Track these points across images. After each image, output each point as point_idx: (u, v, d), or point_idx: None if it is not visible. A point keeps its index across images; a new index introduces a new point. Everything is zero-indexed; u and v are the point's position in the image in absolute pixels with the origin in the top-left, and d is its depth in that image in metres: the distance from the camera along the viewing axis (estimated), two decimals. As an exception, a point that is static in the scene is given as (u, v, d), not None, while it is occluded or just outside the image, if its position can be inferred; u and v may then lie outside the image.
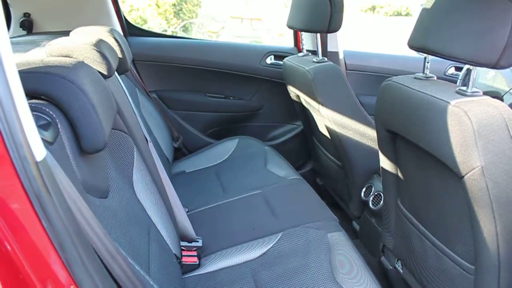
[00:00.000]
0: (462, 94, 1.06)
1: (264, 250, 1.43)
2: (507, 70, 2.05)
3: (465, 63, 1.06)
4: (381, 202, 1.66)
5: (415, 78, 1.24)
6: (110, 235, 0.78)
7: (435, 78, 1.24)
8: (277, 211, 1.63)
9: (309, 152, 2.39)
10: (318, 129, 2.02)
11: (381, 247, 1.62)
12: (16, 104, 0.59)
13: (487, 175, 0.98)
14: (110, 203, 1.04)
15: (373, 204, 1.71)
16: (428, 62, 1.24)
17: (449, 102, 1.02)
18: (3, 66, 0.58)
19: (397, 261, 1.52)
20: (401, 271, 1.50)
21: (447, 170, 1.08)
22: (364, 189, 1.78)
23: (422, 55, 2.50)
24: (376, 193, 1.71)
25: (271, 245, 1.44)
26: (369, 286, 1.23)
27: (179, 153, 2.35)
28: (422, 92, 1.13)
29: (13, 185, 0.61)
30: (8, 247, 0.61)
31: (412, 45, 1.20)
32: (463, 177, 1.02)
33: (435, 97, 1.08)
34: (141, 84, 2.19)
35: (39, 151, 0.62)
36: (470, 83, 1.07)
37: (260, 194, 1.76)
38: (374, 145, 1.74)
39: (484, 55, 1.00)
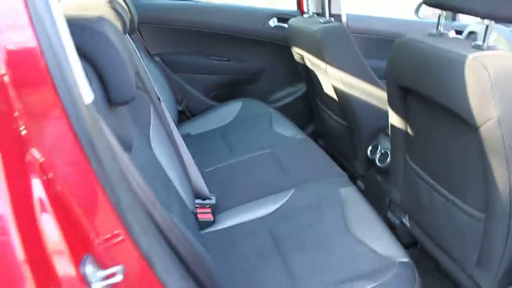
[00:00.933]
0: (479, 48, 1.09)
1: (277, 205, 1.46)
2: (510, 32, 2.07)
3: (484, 18, 1.07)
4: (388, 159, 1.70)
5: (429, 35, 1.26)
6: None
7: (448, 34, 1.26)
8: (287, 168, 1.66)
9: (311, 114, 2.41)
10: (322, 90, 2.04)
11: (387, 203, 1.67)
12: (66, 49, 0.60)
13: (503, 125, 1.02)
14: (134, 157, 1.05)
15: (380, 162, 1.75)
16: (442, 19, 1.26)
17: (466, 56, 1.04)
18: (52, 13, 0.59)
19: (404, 215, 1.58)
20: (408, 224, 1.55)
21: (461, 123, 1.11)
22: (370, 148, 1.82)
23: (422, 19, 2.50)
24: (382, 151, 1.75)
25: (284, 200, 1.47)
26: (383, 236, 1.27)
27: (183, 116, 2.36)
28: (439, 47, 1.15)
29: (63, 129, 0.62)
30: (59, 188, 0.63)
31: (429, 2, 1.21)
32: (478, 128, 1.06)
33: (452, 51, 1.10)
34: (145, 46, 2.17)
35: (88, 95, 0.63)
36: (486, 38, 1.09)
37: (269, 153, 1.78)
38: (381, 104, 1.77)
39: (503, 10, 1.02)
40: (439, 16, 1.26)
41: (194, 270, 0.80)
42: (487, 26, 1.10)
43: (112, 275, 0.65)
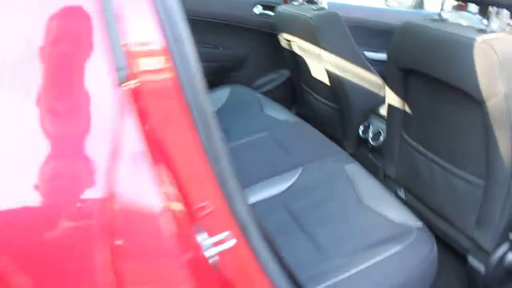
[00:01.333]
0: (483, 32, 1.21)
1: (288, 184, 1.52)
2: (477, 20, 2.25)
3: (490, 4, 1.20)
4: (381, 137, 1.82)
5: (432, 20, 1.38)
6: None
7: (450, 20, 1.39)
8: (290, 149, 1.73)
9: (293, 98, 2.50)
10: (310, 74, 2.13)
11: (381, 177, 1.79)
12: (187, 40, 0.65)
13: (509, 100, 1.15)
14: None
15: (373, 140, 1.87)
16: (445, 5, 1.38)
17: (475, 39, 1.17)
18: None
19: (399, 188, 1.71)
20: (404, 197, 1.69)
21: (466, 98, 1.24)
22: (362, 128, 1.94)
23: (391, 8, 2.63)
24: (375, 130, 1.87)
25: (294, 179, 1.54)
26: (395, 206, 1.37)
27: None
28: (445, 31, 1.27)
29: (180, 109, 0.66)
30: (170, 156, 0.66)
31: None
32: (484, 102, 1.19)
33: (459, 35, 1.22)
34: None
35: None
36: (491, 23, 1.22)
37: (267, 136, 1.84)
38: (371, 87, 1.90)
39: None
40: (442, 3, 1.38)
41: (269, 239, 0.86)
42: (493, 12, 1.23)
43: (221, 241, 0.70)
